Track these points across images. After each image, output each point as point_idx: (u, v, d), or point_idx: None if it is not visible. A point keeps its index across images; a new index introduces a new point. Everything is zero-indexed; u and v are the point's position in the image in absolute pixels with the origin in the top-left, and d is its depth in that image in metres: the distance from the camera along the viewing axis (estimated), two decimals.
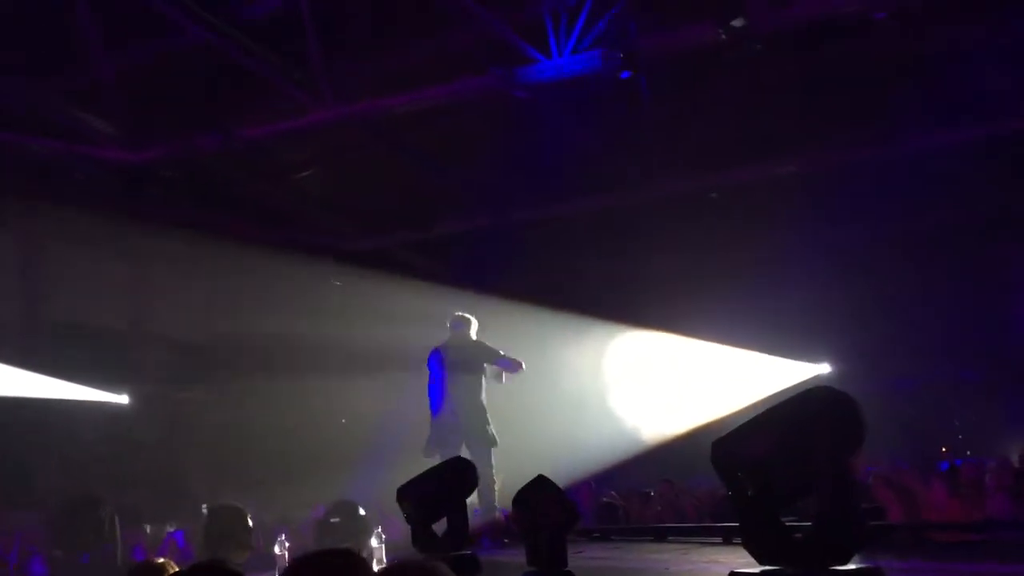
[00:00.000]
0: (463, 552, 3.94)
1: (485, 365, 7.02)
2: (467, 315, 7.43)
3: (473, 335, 7.29)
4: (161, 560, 3.11)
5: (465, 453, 6.09)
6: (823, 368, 13.58)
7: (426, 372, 7.19)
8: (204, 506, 9.22)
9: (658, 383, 13.60)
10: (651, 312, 14.56)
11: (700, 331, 13.90)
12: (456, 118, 11.71)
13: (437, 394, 6.96)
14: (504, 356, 7.06)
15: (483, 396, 6.96)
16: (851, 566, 1.89)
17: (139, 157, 9.77)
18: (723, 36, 7.88)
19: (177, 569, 2.77)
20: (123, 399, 12.96)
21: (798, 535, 2.00)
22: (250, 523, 4.82)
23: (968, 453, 10.46)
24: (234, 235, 12.51)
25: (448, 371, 6.93)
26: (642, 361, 13.82)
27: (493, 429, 6.87)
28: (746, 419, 2.39)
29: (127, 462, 12.75)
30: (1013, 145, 13.10)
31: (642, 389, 13.56)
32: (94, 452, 12.45)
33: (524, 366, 7.05)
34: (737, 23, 7.64)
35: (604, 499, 9.75)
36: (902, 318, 14.85)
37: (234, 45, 9.00)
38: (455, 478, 3.73)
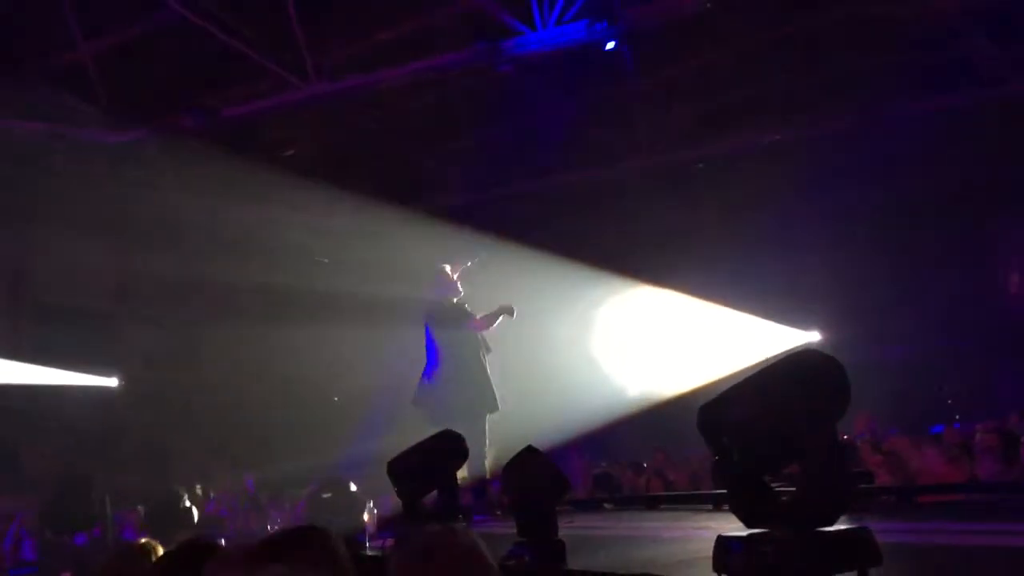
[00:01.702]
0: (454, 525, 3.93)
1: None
2: (443, 266, 6.43)
3: (449, 290, 6.23)
4: (144, 540, 3.10)
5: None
6: (813, 336, 13.61)
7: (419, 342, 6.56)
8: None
9: (652, 347, 13.54)
10: (642, 269, 14.59)
11: (691, 289, 13.92)
12: (442, 93, 11.67)
13: (431, 355, 6.13)
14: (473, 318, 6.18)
15: (467, 356, 6.00)
16: (838, 527, 1.90)
17: (122, 137, 9.70)
18: (708, 4, 7.84)
19: (162, 550, 2.76)
20: (112, 382, 12.95)
21: (785, 498, 2.00)
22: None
23: (957, 418, 10.50)
24: (219, 214, 12.46)
25: (436, 329, 6.08)
26: (635, 324, 13.77)
27: (489, 393, 5.96)
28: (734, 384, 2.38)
29: (118, 444, 12.75)
30: (1003, 112, 13.14)
31: (636, 353, 13.52)
32: (85, 435, 12.44)
33: (487, 324, 5.95)
34: None
35: (599, 469, 9.78)
36: (893, 285, 14.87)
37: (216, 23, 8.94)
38: (445, 450, 3.73)
